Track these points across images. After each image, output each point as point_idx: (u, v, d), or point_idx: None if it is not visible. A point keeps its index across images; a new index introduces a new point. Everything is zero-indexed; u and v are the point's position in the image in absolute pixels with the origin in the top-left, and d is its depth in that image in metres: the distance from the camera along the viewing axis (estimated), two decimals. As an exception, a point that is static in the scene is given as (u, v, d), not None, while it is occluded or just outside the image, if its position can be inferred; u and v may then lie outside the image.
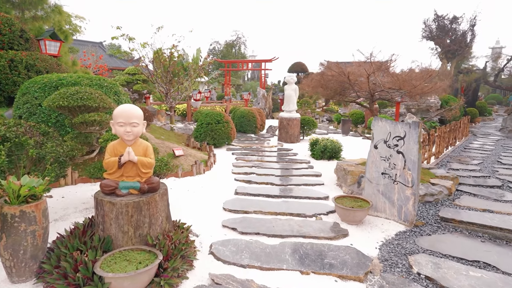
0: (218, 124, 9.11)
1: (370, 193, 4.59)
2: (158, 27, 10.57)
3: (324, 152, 8.00)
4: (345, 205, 4.26)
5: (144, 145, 3.22)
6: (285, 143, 10.51)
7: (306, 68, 24.91)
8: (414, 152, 4.12)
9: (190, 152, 7.46)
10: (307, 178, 6.35)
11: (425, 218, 4.43)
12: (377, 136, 4.48)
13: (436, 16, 20.24)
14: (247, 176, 6.36)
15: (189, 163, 6.74)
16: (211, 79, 26.20)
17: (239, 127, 12.35)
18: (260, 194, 5.23)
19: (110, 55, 34.02)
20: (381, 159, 4.45)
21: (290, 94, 10.78)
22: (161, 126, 10.55)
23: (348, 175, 5.51)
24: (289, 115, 10.67)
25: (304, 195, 5.21)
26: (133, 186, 3.08)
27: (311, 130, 11.31)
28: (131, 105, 3.12)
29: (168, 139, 8.86)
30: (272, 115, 20.29)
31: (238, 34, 44.40)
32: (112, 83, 6.35)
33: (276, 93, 25.29)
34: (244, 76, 46.27)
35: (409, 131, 4.16)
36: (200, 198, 5.07)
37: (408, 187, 4.19)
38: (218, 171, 6.71)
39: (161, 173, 4.19)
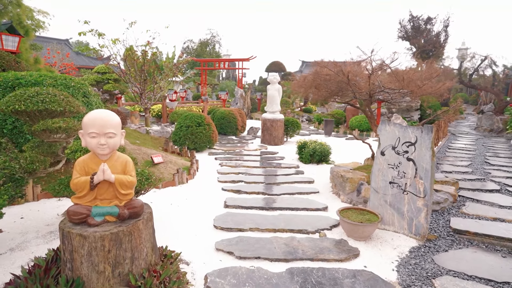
0: (199, 126, 8.49)
1: (377, 204, 4.18)
2: (131, 22, 9.77)
3: (313, 155, 7.59)
4: (352, 219, 3.82)
5: (122, 159, 2.61)
6: (269, 145, 10.04)
7: (284, 67, 24.58)
8: (427, 159, 3.74)
9: (170, 159, 6.81)
10: (299, 185, 5.89)
11: (436, 230, 4.07)
12: (384, 141, 4.07)
13: (411, 17, 20.52)
14: (235, 185, 5.81)
15: (169, 172, 6.10)
16: (186, 79, 25.31)
17: (219, 129, 11.74)
18: (253, 206, 4.70)
19: (77, 53, 32.26)
20: (388, 167, 4.04)
21: (273, 94, 10.31)
22: (135, 129, 9.77)
23: (347, 183, 5.10)
24: (272, 116, 10.20)
25: (302, 206, 4.73)
26: (110, 212, 2.46)
27: (295, 131, 10.91)
28: (105, 111, 2.50)
29: (144, 144, 8.14)
30: (251, 115, 19.79)
31: (212, 33, 43.48)
32: (81, 83, 5.60)
33: (253, 92, 24.82)
34: (219, 75, 45.48)
35: (420, 136, 3.77)
36: (186, 213, 4.47)
37: (420, 197, 3.81)
38: (203, 180, 6.11)
39: (141, 189, 3.56)
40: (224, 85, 33.47)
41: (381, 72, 4.84)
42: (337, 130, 14.26)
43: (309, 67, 41.17)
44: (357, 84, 4.80)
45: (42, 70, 10.04)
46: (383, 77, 5.07)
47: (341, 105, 18.46)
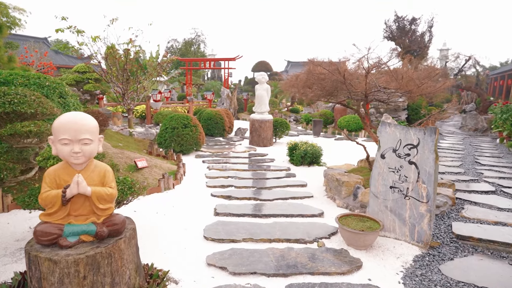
0: (185, 128, 8.13)
1: (376, 210, 3.96)
2: (112, 19, 9.33)
3: (304, 157, 7.36)
4: (352, 227, 3.58)
5: (100, 169, 2.29)
6: (258, 147, 9.77)
7: (270, 67, 24.36)
8: (430, 163, 3.54)
9: (155, 162, 6.44)
10: (292, 189, 5.64)
11: (438, 236, 3.88)
12: (384, 144, 3.85)
13: (396, 17, 20.66)
14: (225, 190, 5.50)
15: (155, 177, 5.75)
16: (170, 79, 24.76)
17: (206, 130, 11.38)
18: (246, 213, 4.41)
19: (56, 52, 31.19)
20: (389, 171, 3.83)
21: (261, 94, 10.04)
22: (118, 131, 9.33)
23: (343, 187, 4.87)
24: (261, 116, 9.93)
25: (296, 213, 4.48)
26: (85, 231, 2.14)
27: (284, 132, 10.67)
28: (79, 114, 2.17)
29: (127, 147, 7.74)
30: (238, 115, 19.48)
31: (197, 32, 42.89)
32: (57, 82, 5.19)
33: (239, 92, 24.51)
34: (204, 75, 44.93)
35: (423, 138, 3.57)
36: (174, 223, 4.14)
37: (423, 202, 3.61)
38: (191, 185, 5.78)
39: (123, 199, 3.22)
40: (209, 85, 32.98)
41: (377, 70, 4.64)
42: (325, 130, 14.12)
43: (294, 67, 41.09)
44: (352, 83, 4.58)
45: (17, 69, 9.48)
46: (379, 76, 4.86)
47: (328, 105, 18.39)
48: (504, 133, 10.91)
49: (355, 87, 4.53)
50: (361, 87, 4.48)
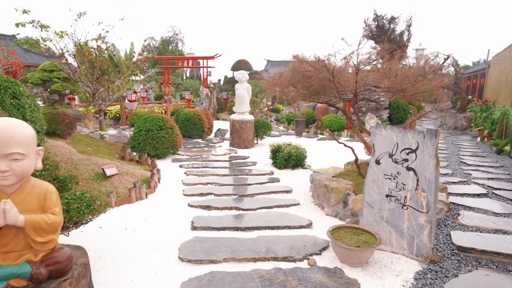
0: (160, 130, 7.57)
1: (371, 220, 3.60)
2: (80, 13, 8.63)
3: (288, 160, 6.97)
4: (346, 242, 3.21)
5: (40, 190, 1.79)
6: (239, 148, 9.31)
7: (250, 66, 23.93)
8: (430, 169, 3.21)
9: (127, 169, 5.88)
10: (277, 196, 5.23)
11: (438, 248, 3.57)
12: (379, 148, 3.50)
13: (376, 16, 20.67)
14: (203, 198, 5.03)
15: (125, 185, 5.20)
16: (147, 78, 23.88)
17: (183, 132, 10.82)
18: (227, 227, 3.96)
19: (26, 50, 29.61)
20: (385, 178, 3.48)
21: (242, 94, 9.59)
22: (87, 134, 8.64)
23: (332, 194, 4.50)
24: (241, 117, 9.48)
25: (283, 224, 4.07)
26: (16, 274, 1.64)
27: (266, 133, 10.26)
28: (6, 121, 1.67)
29: (97, 152, 7.11)
30: (217, 115, 18.95)
31: (175, 30, 41.90)
32: (10, 81, 4.54)
33: (219, 92, 23.94)
34: (183, 74, 43.98)
35: (423, 142, 3.23)
36: (144, 240, 3.64)
37: (422, 212, 3.27)
38: (166, 194, 5.26)
39: (80, 220, 2.71)
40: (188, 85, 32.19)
41: (366, 69, 4.30)
42: (307, 130, 13.83)
43: (274, 66, 40.86)
44: (341, 82, 4.21)
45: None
46: (367, 74, 4.52)
47: (309, 104, 18.14)
48: (484, 132, 10.94)
49: (344, 86, 4.17)
50: (351, 85, 4.13)
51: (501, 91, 20.42)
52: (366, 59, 4.07)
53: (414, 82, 3.83)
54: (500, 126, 9.65)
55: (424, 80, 3.86)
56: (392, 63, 4.53)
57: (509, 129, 9.48)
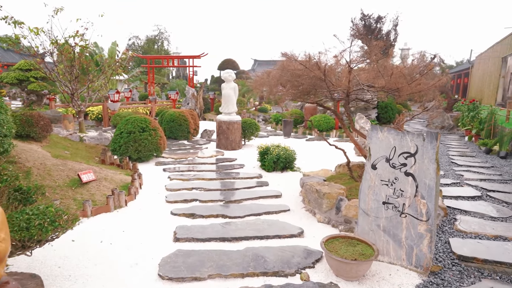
0: (143, 132, 7.21)
1: (367, 229, 3.37)
2: (56, 9, 8.17)
3: (277, 162, 6.72)
4: (341, 254, 2.96)
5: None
6: (226, 150, 9.01)
7: (237, 65, 23.61)
8: (430, 174, 3.00)
9: (106, 174, 5.52)
10: (266, 201, 4.97)
11: (437, 257, 3.36)
12: (375, 152, 3.27)
13: (363, 15, 20.65)
14: (188, 205, 4.72)
15: (103, 192, 4.84)
16: (131, 77, 23.28)
17: (168, 133, 10.46)
18: (212, 237, 3.67)
19: (6, 50, 28.58)
20: (382, 184, 3.25)
21: (228, 93, 9.29)
22: (66, 137, 8.20)
23: (324, 199, 4.26)
24: (228, 118, 9.18)
25: (272, 233, 3.80)
26: None
27: (254, 134, 9.98)
28: None
29: (75, 155, 6.71)
30: (204, 116, 18.58)
31: (160, 29, 41.30)
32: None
33: (206, 91, 23.56)
34: (169, 74, 43.33)
35: (422, 146, 3.02)
36: (122, 255, 3.32)
37: (422, 221, 3.06)
38: (147, 201, 4.93)
39: (43, 238, 2.37)
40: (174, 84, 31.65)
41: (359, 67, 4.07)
42: (295, 130, 13.62)
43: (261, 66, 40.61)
44: (332, 81, 3.97)
45: None
46: (359, 73, 4.30)
47: (297, 104, 17.96)
48: (472, 131, 10.94)
49: (336, 85, 3.93)
50: (343, 85, 3.89)
51: (484, 90, 20.70)
52: (360, 56, 3.85)
53: (410, 81, 3.62)
54: (488, 126, 9.63)
55: (421, 79, 3.66)
56: (386, 61, 4.33)
57: (497, 129, 9.46)
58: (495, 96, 18.58)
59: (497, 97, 18.40)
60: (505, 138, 8.44)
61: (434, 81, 3.69)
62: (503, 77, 18.36)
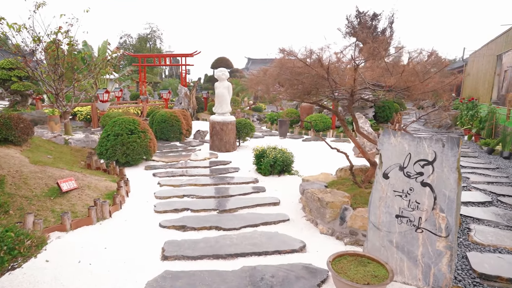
0: (131, 135, 6.79)
1: (378, 245, 3.02)
2: (38, 4, 7.69)
3: (274, 166, 6.35)
4: (352, 277, 2.61)
5: None
6: (220, 152, 8.63)
7: (231, 63, 23.19)
8: (450, 184, 2.65)
9: (89, 181, 5.10)
10: (263, 210, 4.60)
11: (455, 276, 3.02)
12: (388, 159, 2.91)
13: (358, 13, 20.37)
14: (178, 216, 4.33)
15: (86, 202, 4.43)
16: (122, 76, 22.72)
17: (160, 134, 10.04)
18: (205, 255, 3.29)
19: (-8, 48, 27.76)
20: (395, 195, 2.90)
21: (222, 93, 8.90)
22: (50, 139, 7.74)
23: (327, 209, 3.90)
24: (222, 118, 8.79)
25: (272, 248, 3.44)
26: None
27: (249, 134, 9.59)
28: None
29: (59, 160, 6.28)
30: (197, 115, 18.15)
31: (152, 27, 40.65)
32: None
33: (199, 91, 23.11)
34: (162, 73, 42.71)
35: (441, 152, 2.67)
36: (100, 279, 2.92)
37: (441, 237, 2.72)
38: (134, 211, 4.53)
39: None
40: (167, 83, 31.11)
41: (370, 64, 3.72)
42: (291, 130, 13.27)
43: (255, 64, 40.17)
44: (336, 79, 3.61)
45: None
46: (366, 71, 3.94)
47: (292, 103, 17.61)
48: (472, 131, 10.68)
49: (340, 84, 3.58)
50: (348, 83, 3.54)
51: (479, 88, 20.54)
52: (367, 52, 3.49)
53: (423, 79, 3.27)
54: (490, 125, 9.37)
55: (435, 76, 3.32)
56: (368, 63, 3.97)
57: (498, 128, 9.20)
58: (490, 94, 18.41)
59: (492, 95, 18.26)
60: (508, 138, 8.18)
61: (450, 79, 3.36)
62: (498, 75, 18.21)
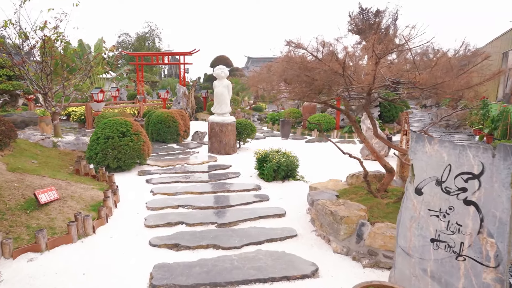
0: (123, 137, 6.28)
1: (408, 274, 2.51)
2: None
3: (278, 171, 5.85)
4: (381, 319, 2.10)
5: None
6: (219, 155, 8.12)
7: (230, 62, 22.68)
8: (502, 204, 2.14)
9: (74, 190, 4.59)
10: (267, 223, 4.10)
11: (501, 310, 2.52)
12: (421, 171, 2.41)
13: (361, 9, 19.84)
14: (171, 231, 3.82)
15: (67, 215, 3.92)
16: (119, 76, 22.20)
17: (156, 136, 9.54)
18: (201, 283, 2.79)
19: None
20: (430, 215, 2.39)
21: (221, 92, 8.39)
22: (37, 142, 7.23)
23: (342, 224, 3.40)
24: (221, 119, 8.29)
25: (279, 273, 2.93)
26: None
27: (250, 136, 9.08)
28: None
29: (44, 166, 5.78)
30: (196, 115, 17.64)
31: (151, 26, 40.08)
32: None
33: (198, 90, 22.59)
34: (161, 72, 42.18)
35: (491, 164, 2.16)
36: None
37: (489, 267, 2.21)
38: (121, 225, 4.02)
39: None
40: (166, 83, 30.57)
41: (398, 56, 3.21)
42: (294, 131, 12.75)
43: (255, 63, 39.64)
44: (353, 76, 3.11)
45: None
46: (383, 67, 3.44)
47: (294, 102, 17.10)
48: (484, 131, 10.16)
49: (357, 81, 3.07)
50: (367, 80, 3.03)
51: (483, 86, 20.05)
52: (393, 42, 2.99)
53: (457, 74, 2.77)
54: (504, 125, 8.86)
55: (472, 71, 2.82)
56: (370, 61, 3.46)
57: (514, 128, 8.70)
58: (495, 92, 17.92)
59: (498, 93, 17.76)
60: (526, 139, 7.67)
61: (491, 74, 2.85)
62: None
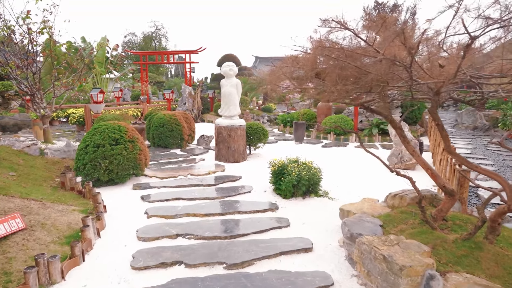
0: (116, 145, 5.38)
1: None
2: (6, -15, 6.33)
3: (298, 185, 4.89)
4: None
5: None
6: (227, 163, 7.19)
7: (238, 61, 21.74)
8: None
9: (48, 214, 3.68)
10: (290, 262, 3.14)
11: None
12: None
13: (376, 4, 18.75)
14: (165, 276, 2.88)
15: (32, 252, 3.01)
16: (123, 75, 21.42)
17: (158, 140, 8.65)
18: None
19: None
20: None
21: (229, 91, 7.45)
22: (21, 149, 6.38)
23: (402, 278, 2.41)
24: (229, 122, 7.36)
25: None
26: None
27: (261, 141, 8.11)
28: None
29: (25, 178, 4.93)
30: (202, 117, 16.75)
31: (157, 26, 39.38)
32: None
33: (205, 90, 21.70)
34: (168, 72, 41.49)
35: None
36: None
37: None
38: (101, 267, 3.09)
39: None
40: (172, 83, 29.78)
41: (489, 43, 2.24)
42: (307, 134, 11.76)
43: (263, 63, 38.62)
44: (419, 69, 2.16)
45: None
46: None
47: (306, 103, 16.09)
48: (524, 134, 9.07)
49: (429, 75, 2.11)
50: (447, 73, 2.07)
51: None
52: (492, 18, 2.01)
53: None
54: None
55: None
56: None
57: None
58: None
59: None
60: None
61: None
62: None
